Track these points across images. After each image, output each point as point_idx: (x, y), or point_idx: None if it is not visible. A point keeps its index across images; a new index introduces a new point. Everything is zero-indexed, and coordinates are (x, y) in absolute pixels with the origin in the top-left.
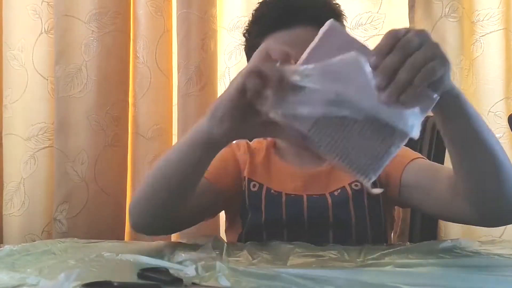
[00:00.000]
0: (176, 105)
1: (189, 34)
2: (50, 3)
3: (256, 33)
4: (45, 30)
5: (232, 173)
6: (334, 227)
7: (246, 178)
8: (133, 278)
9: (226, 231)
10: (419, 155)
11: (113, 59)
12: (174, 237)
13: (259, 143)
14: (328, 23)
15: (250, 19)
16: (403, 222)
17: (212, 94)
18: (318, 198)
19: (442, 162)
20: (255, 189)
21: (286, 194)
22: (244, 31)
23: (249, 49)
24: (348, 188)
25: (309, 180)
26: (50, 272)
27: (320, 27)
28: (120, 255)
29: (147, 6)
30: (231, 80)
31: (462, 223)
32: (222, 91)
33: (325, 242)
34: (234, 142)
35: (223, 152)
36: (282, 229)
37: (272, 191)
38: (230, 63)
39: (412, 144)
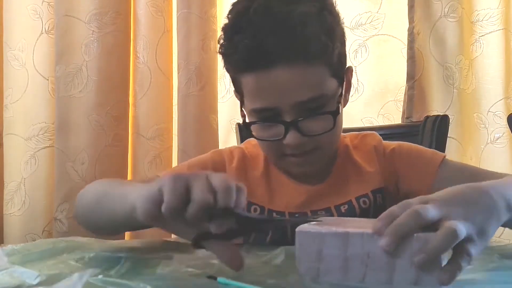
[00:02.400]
0: (176, 105)
1: (189, 34)
2: (50, 3)
3: (227, 67)
4: (45, 30)
5: None
6: None
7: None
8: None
9: None
10: (442, 154)
11: (114, 59)
12: None
13: (256, 148)
14: (296, 232)
15: (220, 44)
16: None
17: (212, 94)
18: (323, 213)
19: None
20: (257, 213)
21: (289, 213)
22: (219, 53)
23: (228, 72)
24: (355, 203)
25: (314, 195)
26: (51, 271)
27: (307, 63)
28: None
29: (147, 7)
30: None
31: None
32: (222, 92)
33: None
34: (227, 148)
35: (206, 161)
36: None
37: (274, 214)
38: None
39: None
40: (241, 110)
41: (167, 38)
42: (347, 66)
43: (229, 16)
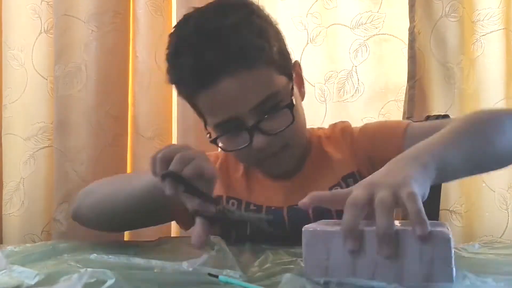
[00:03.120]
0: (176, 105)
1: None
2: (49, 3)
3: (181, 94)
4: (44, 29)
5: None
6: None
7: (224, 197)
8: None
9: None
10: (407, 121)
11: (113, 59)
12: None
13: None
14: (303, 231)
15: (168, 74)
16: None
17: None
18: (299, 208)
19: None
20: (234, 207)
21: (267, 206)
22: (170, 83)
23: (185, 100)
24: None
25: (290, 190)
26: (50, 272)
27: (248, 67)
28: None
29: (146, 6)
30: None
31: None
32: None
33: None
34: (214, 152)
35: None
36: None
37: (251, 206)
38: None
39: None
40: (206, 130)
41: (167, 38)
42: (294, 61)
43: (168, 45)
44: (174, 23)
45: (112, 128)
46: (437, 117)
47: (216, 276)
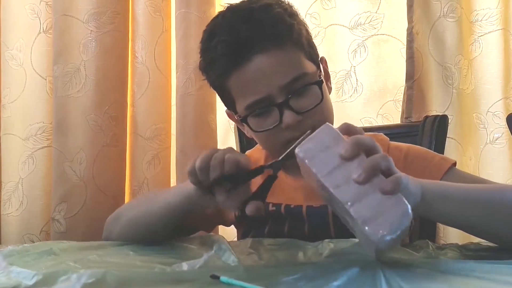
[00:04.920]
0: (175, 105)
1: (187, 34)
2: (48, 3)
3: (213, 77)
4: (43, 29)
5: None
6: (336, 238)
7: None
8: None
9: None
10: (452, 160)
11: (112, 59)
12: None
13: (258, 152)
14: (324, 125)
15: (201, 60)
16: None
17: (210, 94)
18: (318, 208)
19: None
20: None
21: (285, 205)
22: (201, 70)
23: (213, 87)
24: None
25: (310, 191)
26: (48, 273)
27: (279, 46)
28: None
29: (145, 6)
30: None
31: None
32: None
33: None
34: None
35: None
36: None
37: (270, 206)
38: None
39: (412, 142)
40: (234, 119)
41: (166, 38)
42: (320, 57)
43: (203, 35)
44: (173, 23)
45: (111, 128)
46: (436, 117)
47: (218, 277)
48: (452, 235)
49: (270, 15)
